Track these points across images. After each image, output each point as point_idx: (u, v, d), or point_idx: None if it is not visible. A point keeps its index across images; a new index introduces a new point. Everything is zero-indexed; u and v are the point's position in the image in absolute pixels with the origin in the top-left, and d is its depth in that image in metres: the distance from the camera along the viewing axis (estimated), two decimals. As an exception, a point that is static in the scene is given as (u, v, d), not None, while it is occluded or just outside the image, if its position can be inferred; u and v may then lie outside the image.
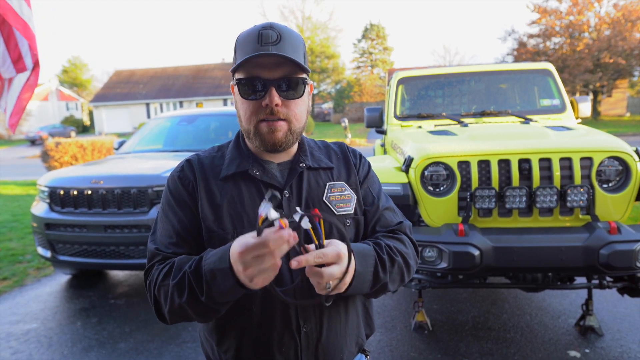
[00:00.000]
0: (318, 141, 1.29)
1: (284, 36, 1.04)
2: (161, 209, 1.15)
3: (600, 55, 27.78)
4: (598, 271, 2.63)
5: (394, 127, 4.14)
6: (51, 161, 10.60)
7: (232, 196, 1.11)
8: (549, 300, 3.79)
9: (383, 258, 1.08)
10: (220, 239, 1.08)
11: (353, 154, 1.27)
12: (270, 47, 1.02)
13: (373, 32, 47.22)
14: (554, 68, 4.26)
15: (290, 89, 1.06)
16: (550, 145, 2.84)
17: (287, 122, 1.08)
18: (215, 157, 1.18)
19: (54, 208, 4.17)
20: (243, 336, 1.11)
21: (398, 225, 1.21)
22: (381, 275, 1.07)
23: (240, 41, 1.08)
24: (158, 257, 1.09)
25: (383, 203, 1.23)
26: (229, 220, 1.09)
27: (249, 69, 1.05)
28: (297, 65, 1.04)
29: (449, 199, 2.88)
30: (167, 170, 4.17)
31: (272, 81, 1.04)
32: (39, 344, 3.36)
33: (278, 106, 1.05)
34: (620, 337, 3.13)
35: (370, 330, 1.26)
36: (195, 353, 3.15)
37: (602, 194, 2.78)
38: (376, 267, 1.06)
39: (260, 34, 1.03)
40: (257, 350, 1.11)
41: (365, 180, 1.24)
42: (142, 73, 43.83)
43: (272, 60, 1.03)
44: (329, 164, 1.20)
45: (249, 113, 1.08)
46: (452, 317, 3.54)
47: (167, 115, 6.10)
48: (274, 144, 1.08)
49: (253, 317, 1.09)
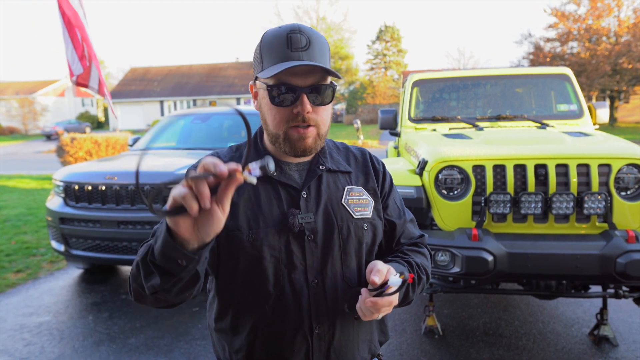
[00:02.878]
0: (338, 142, 1.28)
1: (313, 41, 1.04)
2: None
3: (618, 60, 27.36)
4: (614, 280, 2.58)
5: (408, 129, 4.11)
6: (66, 156, 10.73)
7: (249, 196, 1.10)
8: (562, 309, 3.73)
9: (414, 279, 1.14)
10: (236, 239, 1.07)
11: (377, 160, 1.27)
12: (301, 53, 1.02)
13: (387, 34, 47.09)
14: (572, 73, 4.20)
15: (320, 96, 1.06)
16: (567, 151, 2.80)
17: (315, 128, 1.08)
18: (233, 156, 1.18)
19: (69, 203, 4.22)
20: (255, 336, 1.11)
21: (421, 239, 1.27)
22: (411, 294, 1.14)
23: (267, 43, 1.06)
24: (150, 240, 0.98)
25: (407, 215, 1.27)
26: (244, 220, 1.08)
27: (279, 76, 1.02)
28: (327, 72, 1.05)
29: (463, 203, 2.85)
30: (180, 167, 4.19)
31: (304, 89, 1.03)
32: (51, 337, 3.40)
33: (309, 113, 1.05)
34: (636, 348, 3.07)
35: (384, 338, 1.25)
36: (205, 350, 3.16)
37: (620, 202, 2.73)
38: (408, 287, 1.11)
39: (289, 37, 1.02)
40: (268, 350, 1.10)
41: (390, 191, 1.25)
42: (156, 71, 44.21)
43: (304, 68, 1.02)
44: (348, 167, 1.20)
45: (278, 119, 1.06)
46: (463, 323, 3.50)
47: (181, 113, 6.15)
48: (304, 150, 1.08)
49: (266, 317, 1.09)
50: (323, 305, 1.09)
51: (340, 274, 1.11)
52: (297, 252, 1.08)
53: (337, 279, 1.10)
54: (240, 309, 1.12)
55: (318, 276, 1.09)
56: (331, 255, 1.10)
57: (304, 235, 1.08)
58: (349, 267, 1.12)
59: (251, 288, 1.10)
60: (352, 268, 1.13)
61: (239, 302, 1.12)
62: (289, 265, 1.08)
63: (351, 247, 1.12)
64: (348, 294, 1.10)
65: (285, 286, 1.08)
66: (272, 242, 1.07)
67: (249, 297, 1.10)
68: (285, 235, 1.08)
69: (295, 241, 1.08)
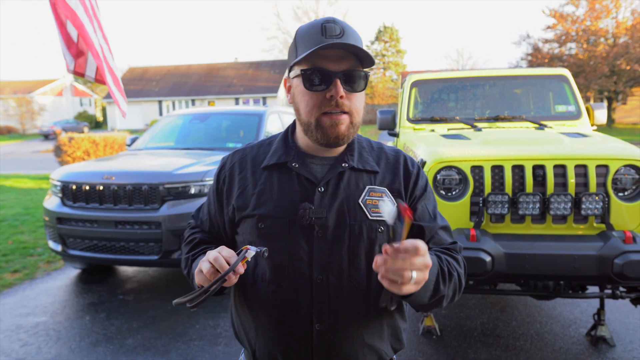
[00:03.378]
0: (374, 142, 1.26)
1: (347, 31, 1.06)
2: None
3: (616, 61, 27.43)
4: (612, 281, 2.58)
5: (407, 130, 4.12)
6: (64, 156, 10.71)
7: (269, 184, 1.14)
8: (559, 309, 3.73)
9: (444, 270, 1.07)
10: (249, 225, 1.14)
11: (411, 163, 1.22)
12: (335, 39, 1.03)
13: (386, 35, 47.16)
14: (570, 74, 4.21)
15: (354, 82, 1.07)
16: (565, 151, 2.81)
17: (349, 115, 1.08)
18: (262, 145, 1.24)
19: (66, 202, 4.21)
20: (258, 324, 1.14)
21: (452, 245, 1.19)
22: (442, 286, 1.05)
23: (302, 34, 1.08)
24: (191, 221, 1.34)
25: (439, 222, 1.20)
26: (258, 207, 1.13)
27: (313, 61, 1.05)
28: (358, 59, 1.06)
29: (461, 203, 2.85)
30: (178, 167, 4.19)
31: (337, 73, 1.05)
32: (48, 337, 3.39)
33: (342, 98, 1.05)
34: (632, 348, 3.07)
35: (399, 345, 1.21)
36: (202, 351, 3.15)
37: (618, 203, 2.73)
38: (438, 277, 1.04)
39: (323, 26, 1.05)
40: (270, 337, 1.13)
41: (423, 196, 1.19)
42: (155, 70, 44.13)
43: (337, 53, 1.04)
44: (375, 167, 1.17)
45: (311, 105, 1.08)
46: (460, 323, 3.50)
47: (180, 113, 6.14)
48: (337, 137, 1.08)
49: (267, 305, 1.12)
50: (326, 302, 1.09)
51: (347, 274, 1.09)
52: (305, 246, 1.09)
53: (343, 279, 1.09)
54: (246, 295, 1.16)
55: (323, 273, 1.09)
56: (339, 254, 1.09)
57: (314, 230, 1.09)
58: (357, 269, 1.10)
59: (253, 277, 1.13)
60: (361, 270, 1.10)
61: (245, 288, 1.15)
62: (294, 258, 1.09)
63: (361, 248, 1.10)
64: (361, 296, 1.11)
65: (288, 278, 1.09)
66: (280, 232, 1.10)
67: (254, 284, 1.13)
68: (295, 227, 1.09)
69: (303, 235, 1.09)
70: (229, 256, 0.98)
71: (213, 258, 0.98)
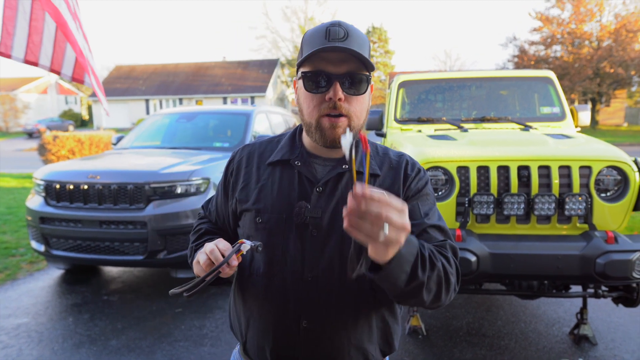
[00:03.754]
0: (380, 146, 1.25)
1: (351, 34, 1.06)
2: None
3: (600, 64, 27.90)
4: (594, 280, 2.62)
5: (394, 130, 4.13)
6: (48, 154, 10.54)
7: (271, 180, 1.17)
8: (543, 308, 3.78)
9: (424, 255, 0.96)
10: (248, 219, 1.17)
11: (411, 166, 1.19)
12: (337, 43, 1.04)
13: (375, 35, 47.30)
14: (555, 76, 4.26)
15: (354, 85, 1.08)
16: (549, 153, 2.84)
17: (347, 119, 1.08)
18: (272, 142, 1.26)
19: (49, 202, 4.14)
20: (250, 316, 1.17)
21: (442, 242, 1.09)
22: (420, 271, 0.93)
23: (307, 37, 1.10)
24: (201, 211, 1.39)
25: (431, 221, 1.13)
26: (258, 201, 1.15)
27: (315, 63, 1.07)
28: (361, 62, 1.06)
29: (447, 203, 2.87)
30: (164, 166, 4.15)
31: (337, 76, 1.06)
32: (29, 339, 3.33)
33: (341, 101, 1.06)
34: (614, 346, 3.12)
35: (389, 349, 1.19)
36: (188, 352, 3.13)
37: (600, 203, 2.77)
38: (417, 259, 0.92)
39: (328, 30, 1.05)
40: (259, 329, 1.15)
41: (416, 196, 1.15)
42: (142, 69, 43.70)
43: (338, 56, 1.05)
44: (377, 171, 1.16)
45: (311, 106, 1.09)
46: (446, 323, 3.53)
47: (166, 112, 6.08)
48: (334, 139, 1.09)
49: (258, 300, 1.15)
50: (315, 301, 1.10)
51: (336, 275, 1.10)
52: (298, 244, 1.11)
53: (332, 279, 1.10)
54: (242, 287, 1.19)
55: (313, 272, 1.10)
56: (330, 254, 1.10)
57: (308, 229, 1.10)
58: (347, 269, 1.10)
59: (249, 270, 1.16)
60: None
61: (242, 280, 1.18)
62: (287, 255, 1.11)
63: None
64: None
65: (280, 274, 1.11)
66: (276, 228, 1.12)
67: (250, 277, 1.16)
68: (290, 225, 1.11)
69: (298, 233, 1.11)
70: (224, 249, 1.02)
71: (209, 250, 1.01)
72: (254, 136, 5.29)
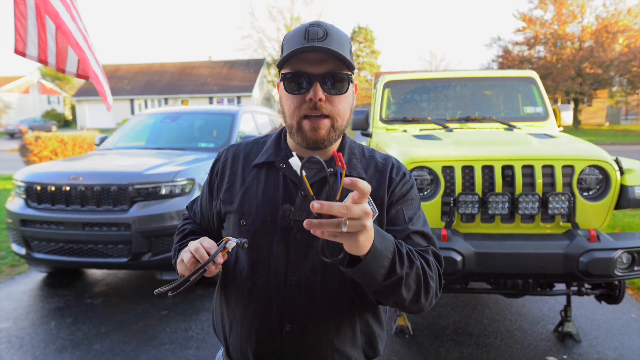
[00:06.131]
0: (367, 149, 1.24)
1: (330, 33, 1.04)
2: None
3: (581, 65, 28.38)
4: (577, 278, 2.65)
5: (380, 130, 4.14)
6: (30, 155, 10.35)
7: (256, 182, 1.16)
8: (528, 306, 3.82)
9: (402, 252, 0.95)
10: (232, 222, 1.16)
11: (397, 170, 1.18)
12: (317, 43, 1.02)
13: (361, 35, 47.40)
14: (538, 76, 4.31)
15: (335, 85, 1.06)
16: (533, 152, 2.87)
17: (330, 119, 1.07)
18: (257, 143, 1.25)
19: (30, 204, 4.06)
20: (232, 319, 1.16)
21: (425, 248, 1.09)
22: (397, 267, 0.92)
23: (288, 38, 1.09)
24: (185, 212, 1.39)
25: (415, 227, 1.11)
26: (242, 204, 1.14)
27: (294, 64, 1.05)
28: (342, 61, 1.05)
29: (432, 203, 2.88)
30: (148, 167, 4.10)
31: (317, 76, 1.05)
32: (10, 344, 3.26)
33: (322, 101, 1.05)
34: (597, 343, 3.17)
35: (374, 353, 1.18)
36: (173, 355, 3.09)
37: (583, 202, 2.81)
38: (394, 255, 0.92)
39: (307, 30, 1.04)
40: (242, 333, 1.14)
41: (400, 201, 1.14)
42: (127, 68, 43.15)
43: (318, 56, 1.04)
44: (362, 174, 1.15)
45: (292, 108, 1.08)
46: (433, 322, 3.54)
47: (151, 112, 6.01)
48: (316, 141, 1.08)
49: (242, 302, 1.13)
50: (297, 304, 1.09)
51: (319, 278, 1.09)
52: (282, 247, 1.10)
53: (315, 283, 1.09)
54: (225, 290, 1.18)
55: (297, 275, 1.09)
56: (313, 257, 1.09)
57: (292, 233, 1.09)
58: (330, 274, 1.09)
59: (233, 272, 1.15)
60: (335, 275, 1.09)
61: (226, 283, 1.18)
62: (271, 258, 1.10)
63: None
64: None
65: (264, 276, 1.11)
66: (260, 231, 1.11)
67: (234, 280, 1.15)
68: (274, 228, 1.10)
69: (282, 236, 1.10)
70: (209, 247, 1.00)
71: (194, 248, 0.99)
72: (240, 136, 5.25)
